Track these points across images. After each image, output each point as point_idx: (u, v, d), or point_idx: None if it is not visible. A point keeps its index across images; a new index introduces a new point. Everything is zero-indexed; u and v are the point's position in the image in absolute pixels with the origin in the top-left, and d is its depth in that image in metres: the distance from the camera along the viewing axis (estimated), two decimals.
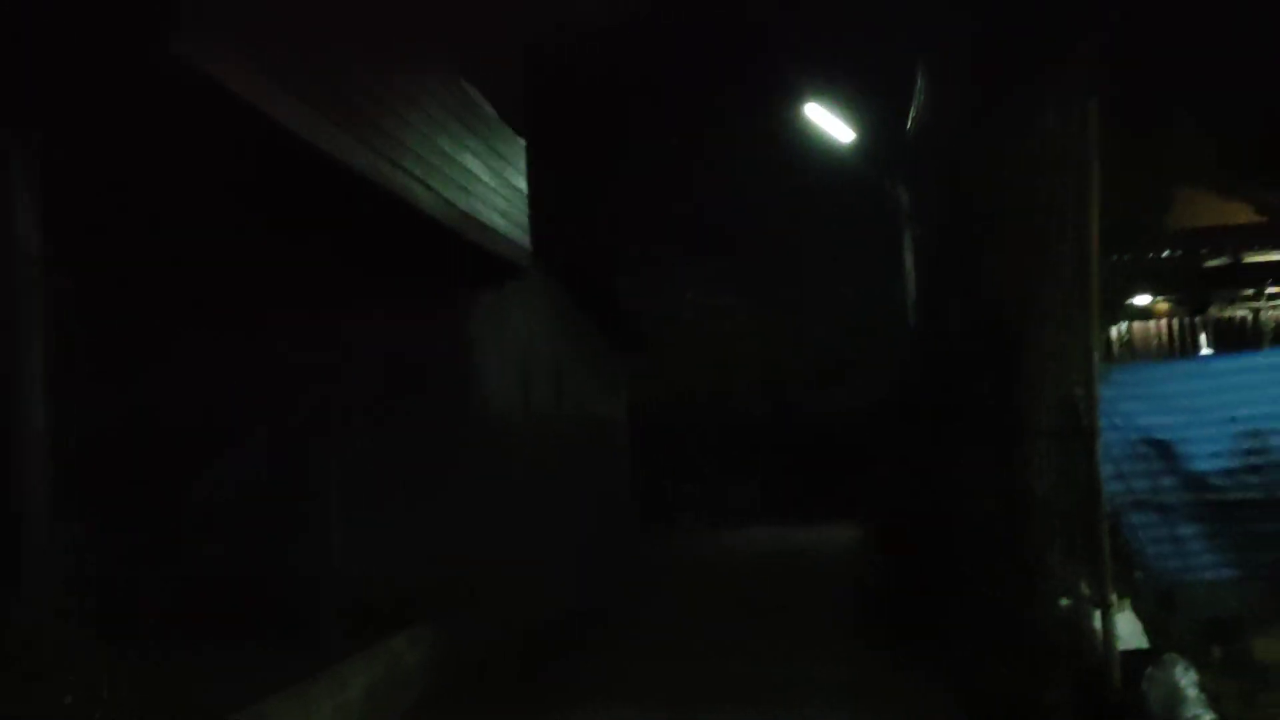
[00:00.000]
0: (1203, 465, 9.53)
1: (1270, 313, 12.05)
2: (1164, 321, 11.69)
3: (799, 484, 19.89)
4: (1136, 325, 11.31)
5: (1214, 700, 5.62)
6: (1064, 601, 6.54)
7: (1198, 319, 11.71)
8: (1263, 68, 8.85)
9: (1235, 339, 11.81)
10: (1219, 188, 11.41)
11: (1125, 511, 8.80)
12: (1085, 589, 6.51)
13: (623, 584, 13.84)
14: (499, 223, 9.93)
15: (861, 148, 18.06)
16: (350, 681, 6.97)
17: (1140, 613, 6.83)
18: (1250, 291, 11.56)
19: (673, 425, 19.66)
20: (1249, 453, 9.51)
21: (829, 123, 17.75)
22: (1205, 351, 11.76)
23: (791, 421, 20.47)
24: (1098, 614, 6.31)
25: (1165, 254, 9.37)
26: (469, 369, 10.09)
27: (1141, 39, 7.52)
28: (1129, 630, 6.30)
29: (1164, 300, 11.54)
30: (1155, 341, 11.52)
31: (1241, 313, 11.86)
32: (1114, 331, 9.96)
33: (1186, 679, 5.54)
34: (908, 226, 15.06)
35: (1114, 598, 6.02)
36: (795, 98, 18.62)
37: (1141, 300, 11.13)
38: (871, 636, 9.61)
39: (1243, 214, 12.62)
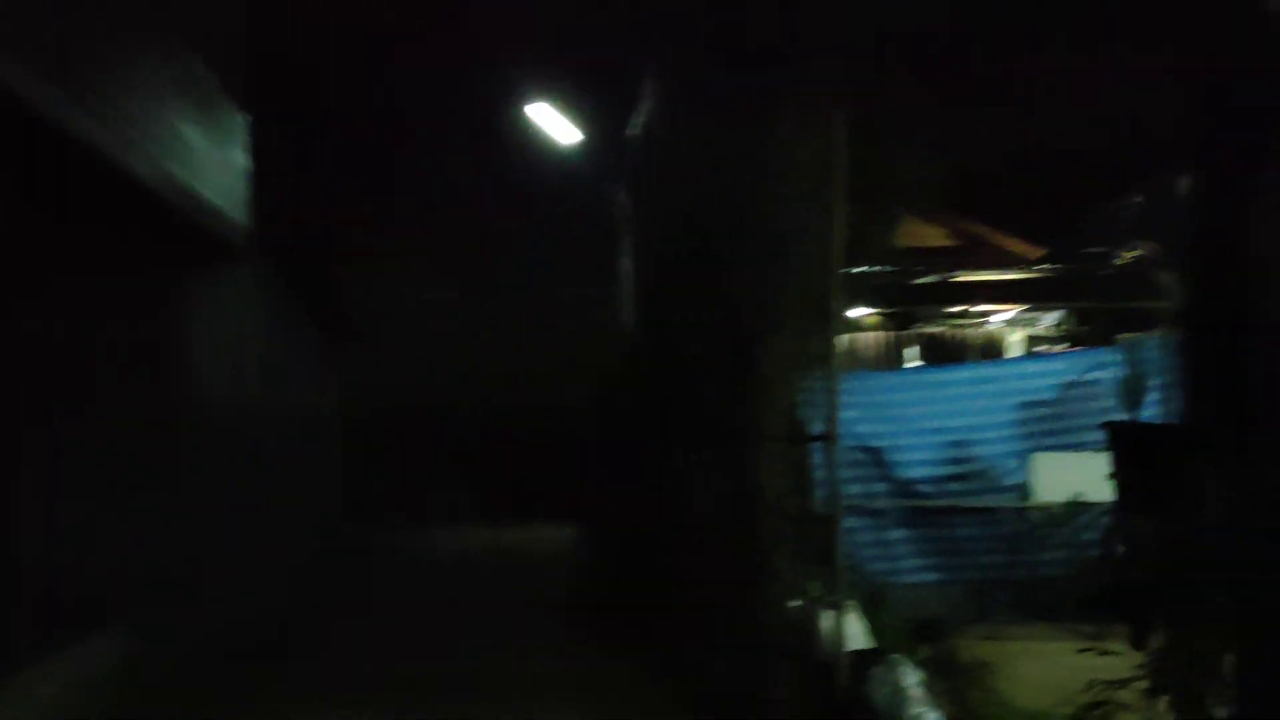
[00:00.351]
0: (911, 473, 9.97)
1: (976, 329, 12.73)
2: (875, 334, 12.17)
3: (518, 482, 19.76)
4: (851, 337, 11.73)
5: (937, 698, 5.80)
6: (794, 603, 6.64)
7: (906, 333, 12.25)
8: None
9: (942, 353, 12.42)
10: (922, 212, 12.01)
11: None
12: (815, 591, 6.63)
13: (332, 584, 13.37)
14: (216, 200, 9.39)
15: (586, 149, 18.11)
16: (38, 686, 6.40)
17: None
18: (959, 309, 12.17)
19: (388, 422, 19.19)
20: (953, 461, 10.01)
21: (554, 123, 17.72)
22: (914, 364, 12.32)
23: (511, 420, 20.31)
24: (827, 615, 6.44)
25: (886, 270, 9.74)
26: (175, 354, 9.49)
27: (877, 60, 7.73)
28: (856, 631, 6.44)
29: (875, 314, 12.02)
30: (869, 353, 11.98)
31: (948, 328, 12.47)
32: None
33: (911, 678, 5.69)
34: (629, 230, 15.19)
35: (845, 600, 6.13)
36: (522, 96, 18.51)
37: (854, 313, 11.55)
38: (593, 635, 9.57)
39: (941, 237, 13.34)
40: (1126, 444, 5.11)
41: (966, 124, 9.66)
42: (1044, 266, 12.86)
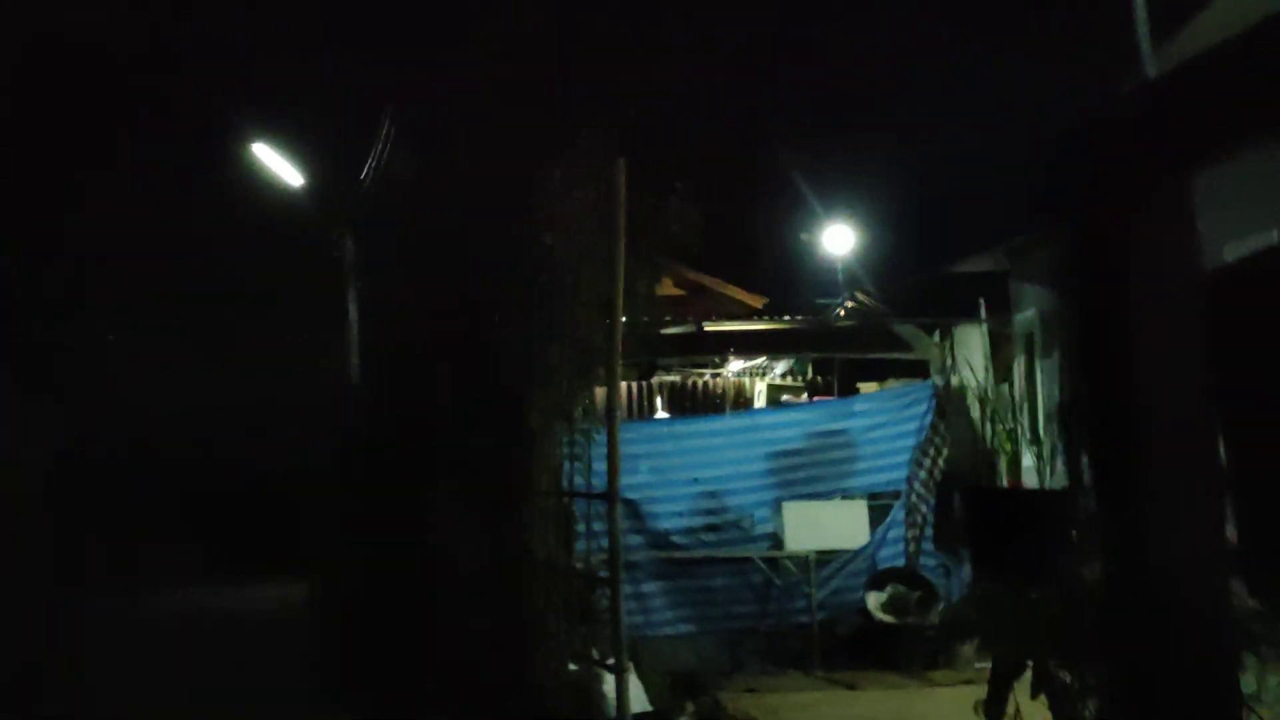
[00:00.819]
0: (666, 524, 9.93)
1: (720, 378, 12.87)
2: (623, 384, 12.13)
3: (252, 538, 18.77)
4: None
5: None
6: (572, 666, 6.44)
7: (651, 382, 12.27)
8: None
9: (688, 403, 12.49)
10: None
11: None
12: (595, 652, 6.45)
13: (36, 655, 12.25)
14: None
15: (313, 193, 17.58)
16: None
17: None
18: (715, 359, 12.28)
19: (104, 477, 17.91)
20: (707, 512, 10.03)
21: (278, 165, 17.14)
22: (661, 414, 12.34)
23: (243, 472, 19.32)
24: (607, 677, 6.27)
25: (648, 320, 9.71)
26: None
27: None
28: (639, 693, 6.28)
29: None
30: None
31: (693, 378, 12.57)
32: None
33: None
34: (356, 277, 14.78)
35: (627, 661, 5.97)
36: (247, 136, 17.84)
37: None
38: (342, 704, 9.05)
39: (668, 286, 13.48)
40: (981, 509, 5.16)
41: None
42: (788, 318, 13.17)
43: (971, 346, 11.07)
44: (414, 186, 10.68)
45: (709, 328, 11.83)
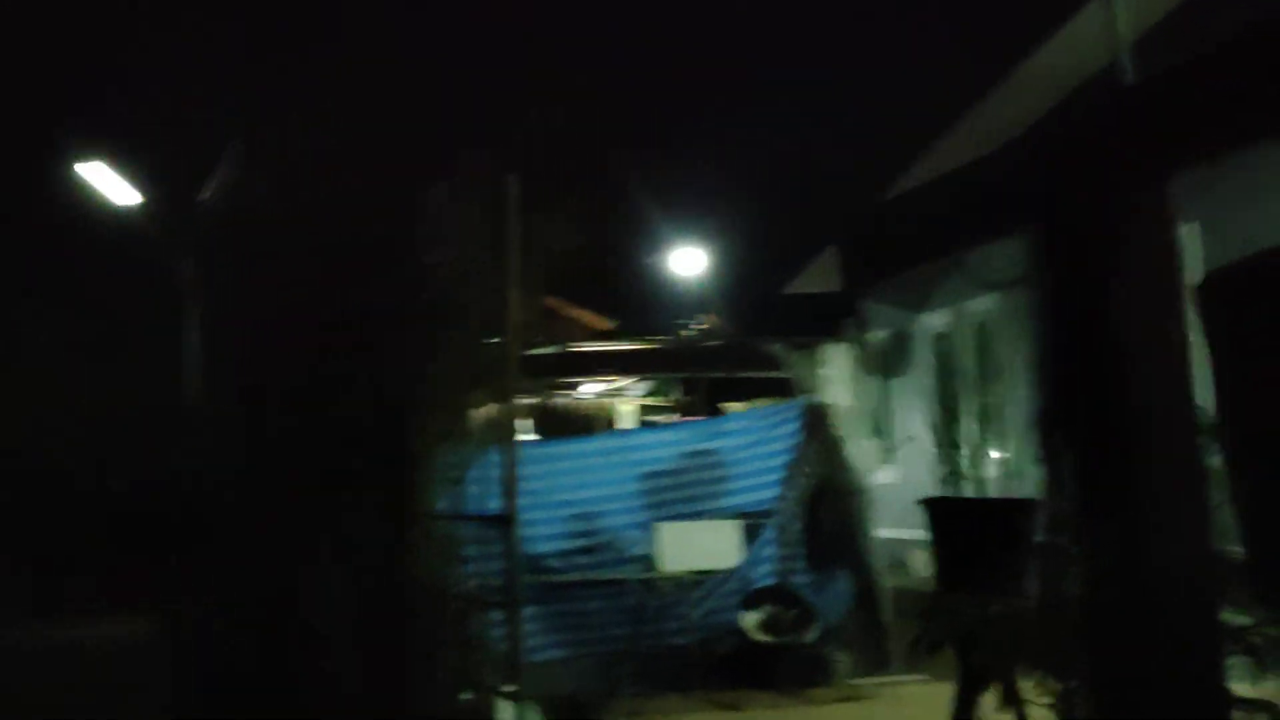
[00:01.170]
0: (539, 547, 9.74)
1: (585, 400, 12.75)
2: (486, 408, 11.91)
3: (87, 567, 17.83)
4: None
5: None
6: (465, 695, 6.22)
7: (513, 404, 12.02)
8: None
9: (554, 424, 12.33)
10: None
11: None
12: (489, 680, 6.26)
13: None
14: None
15: (148, 212, 16.95)
16: None
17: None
18: (574, 381, 12.15)
19: None
20: (581, 534, 9.89)
21: (110, 183, 16.49)
22: (529, 436, 12.13)
23: (79, 496, 18.35)
24: (504, 706, 6.08)
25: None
26: None
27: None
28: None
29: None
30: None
31: (558, 399, 12.43)
32: None
33: None
34: (201, 296, 14.29)
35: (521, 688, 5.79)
36: (74, 153, 17.11)
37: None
38: None
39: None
40: (943, 519, 5.11)
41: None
42: (655, 338, 13.14)
43: (836, 364, 11.17)
44: (274, 202, 10.31)
45: (574, 348, 11.71)
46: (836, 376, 10.97)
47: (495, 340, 7.02)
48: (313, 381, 7.79)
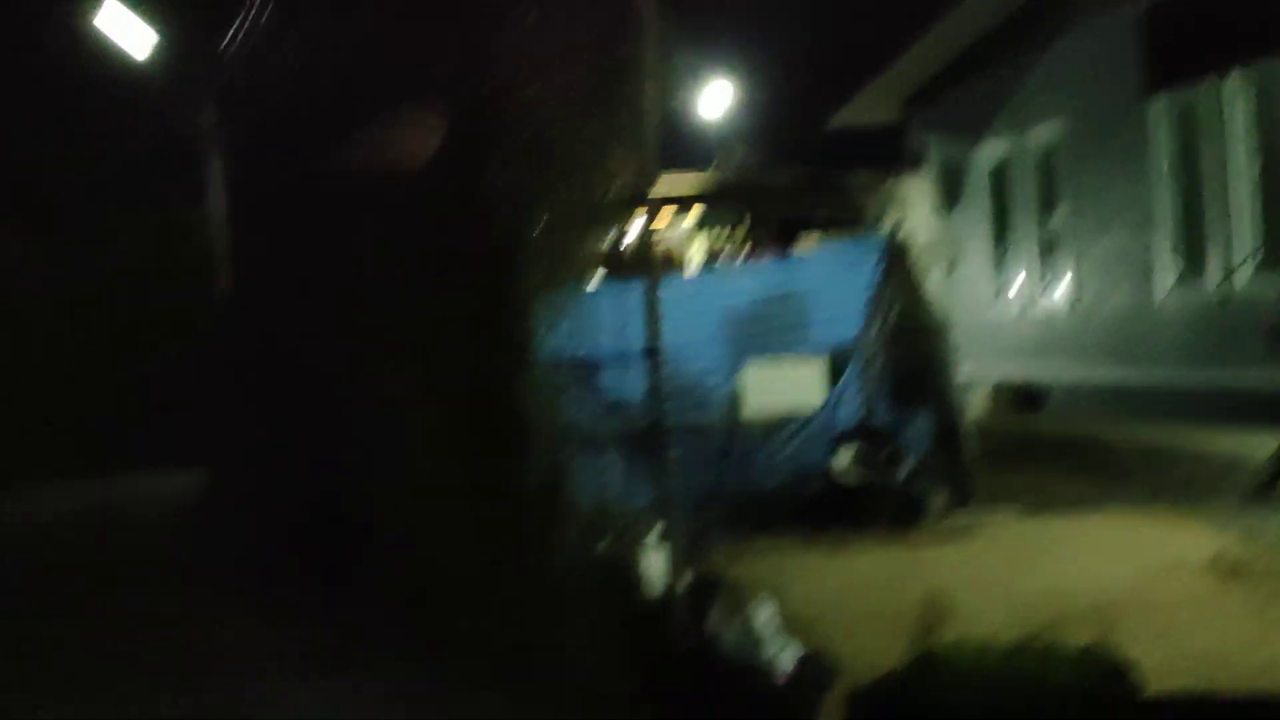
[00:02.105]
0: (620, 394, 9.49)
1: (658, 242, 12.36)
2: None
3: (97, 428, 17.73)
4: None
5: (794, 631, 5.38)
6: (601, 543, 6.02)
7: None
8: None
9: (624, 268, 11.94)
10: None
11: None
12: (627, 527, 6.06)
13: None
14: None
15: (166, 57, 16.32)
16: None
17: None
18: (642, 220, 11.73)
19: None
20: (659, 379, 9.60)
21: (126, 24, 15.77)
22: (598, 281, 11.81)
23: (110, 355, 18.19)
24: (647, 553, 5.89)
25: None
26: None
27: None
28: (661, 569, 5.91)
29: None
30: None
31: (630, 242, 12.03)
32: None
33: (762, 613, 5.23)
34: (222, 150, 13.76)
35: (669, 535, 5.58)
36: None
37: None
38: (294, 599, 8.46)
39: None
40: None
41: None
42: (724, 175, 12.74)
43: (910, 197, 10.79)
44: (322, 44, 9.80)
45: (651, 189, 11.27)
46: (911, 210, 10.61)
47: (603, 175, 6.66)
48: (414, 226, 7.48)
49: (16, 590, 9.56)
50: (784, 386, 9.72)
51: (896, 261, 10.04)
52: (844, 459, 9.36)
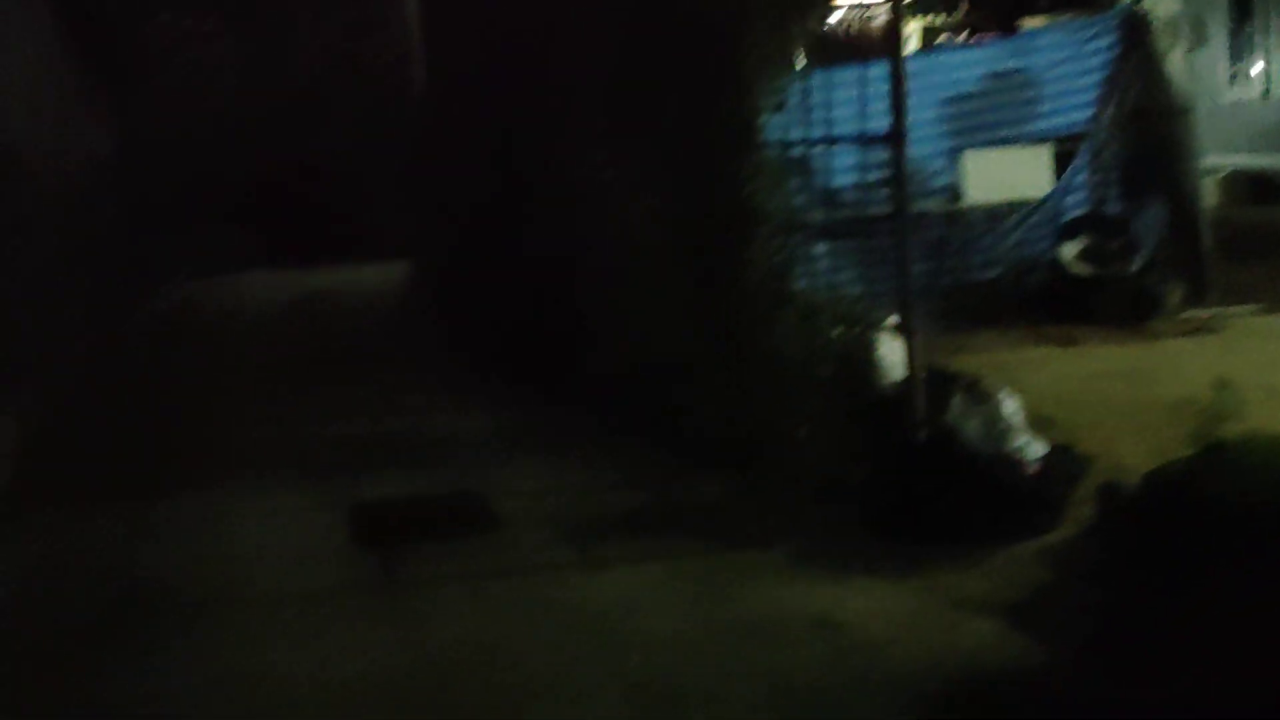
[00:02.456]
0: (836, 180, 9.13)
1: (870, 22, 11.83)
2: None
3: (308, 225, 18.20)
4: None
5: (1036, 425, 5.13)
6: (836, 331, 5.82)
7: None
8: None
9: (836, 50, 11.44)
10: None
11: None
12: (859, 316, 5.84)
13: (152, 343, 11.81)
14: None
15: None
16: None
17: None
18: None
19: (161, 169, 17.08)
20: (879, 165, 9.21)
21: None
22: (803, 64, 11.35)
23: (290, 161, 18.55)
24: (883, 340, 5.67)
25: None
26: None
27: None
28: (896, 359, 5.68)
29: None
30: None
31: (840, 22, 11.52)
32: None
33: (1007, 405, 4.99)
34: None
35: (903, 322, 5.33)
36: None
37: None
38: (508, 383, 8.53)
39: None
40: None
41: None
42: None
43: None
44: None
45: None
46: None
47: None
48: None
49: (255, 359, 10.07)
50: (1008, 173, 9.23)
51: (1134, 40, 9.31)
52: (1072, 250, 8.89)
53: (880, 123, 9.27)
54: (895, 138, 5.34)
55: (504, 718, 3.67)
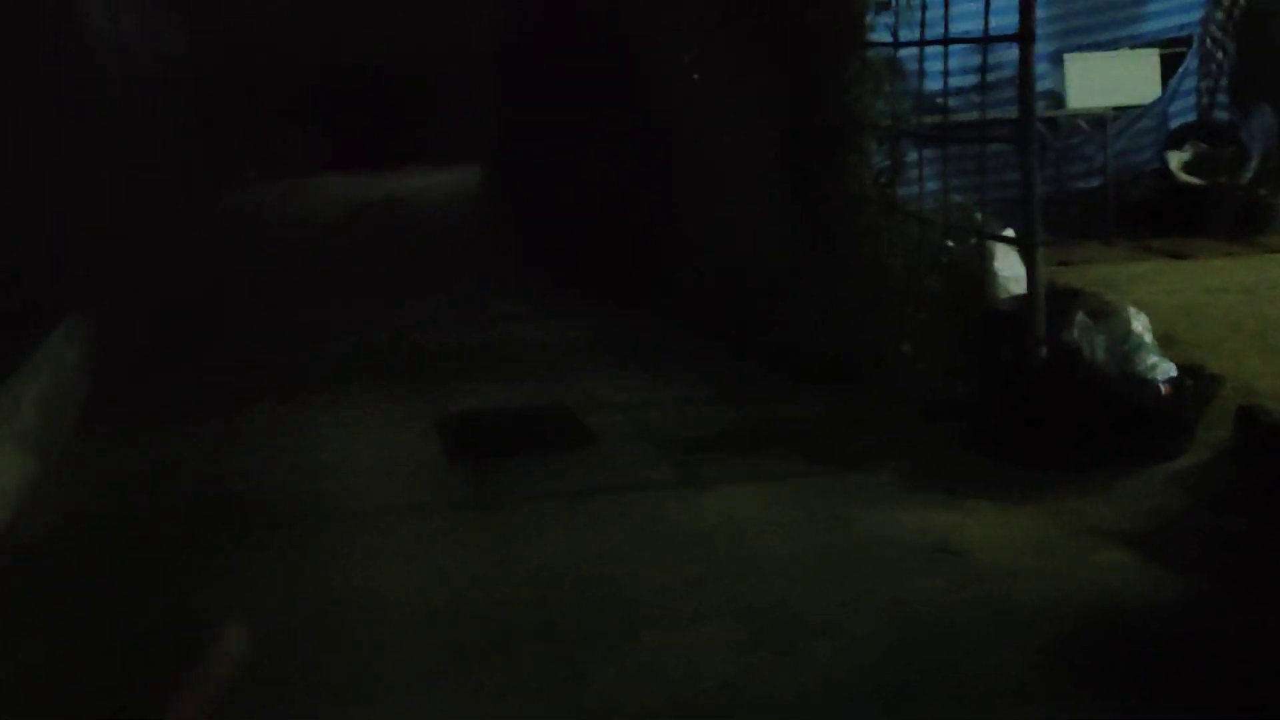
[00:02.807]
0: (930, 84, 8.76)
1: None
2: None
3: (376, 131, 18.02)
4: None
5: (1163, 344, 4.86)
6: (950, 242, 5.55)
7: None
8: None
9: None
10: None
11: None
12: (977, 225, 5.57)
13: (227, 246, 11.71)
14: None
15: None
16: (22, 399, 5.02)
17: None
18: None
19: (234, 71, 16.89)
20: (977, 69, 8.82)
21: None
22: None
23: (361, 67, 18.33)
24: (1004, 253, 5.40)
25: None
26: None
27: None
28: (1013, 273, 5.40)
29: None
30: None
31: None
32: None
33: (1136, 322, 4.71)
34: None
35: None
36: None
37: None
38: (580, 293, 8.32)
39: None
40: None
41: None
42: None
43: None
44: None
45: None
46: None
47: None
48: None
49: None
50: (1113, 78, 8.79)
51: None
52: (1179, 159, 8.49)
53: (975, 24, 8.90)
54: (1024, 37, 5.00)
55: (617, 641, 3.50)
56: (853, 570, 3.90)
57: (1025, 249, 4.97)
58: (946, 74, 7.72)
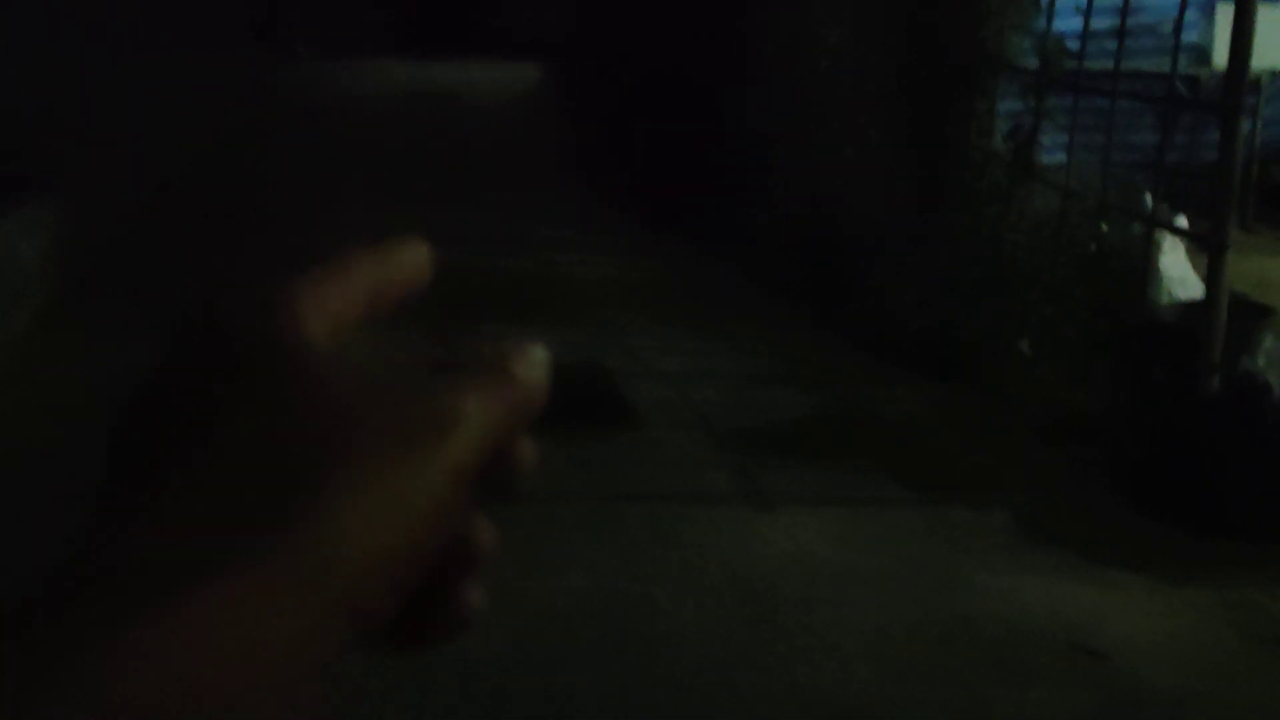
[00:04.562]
0: (1060, 24, 7.61)
1: None
2: None
3: (442, 16, 16.96)
4: None
5: None
6: (1104, 226, 4.51)
7: None
8: None
9: None
10: None
11: None
12: (1141, 206, 4.53)
13: (263, 125, 10.71)
14: None
15: None
16: None
17: None
18: None
19: None
20: (1115, 11, 7.67)
21: None
22: None
23: None
24: (1172, 248, 4.36)
25: None
26: None
27: None
28: (1180, 271, 4.36)
29: None
30: None
31: None
32: None
33: None
34: None
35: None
36: None
37: None
38: (639, 224, 7.28)
39: None
40: None
41: None
42: None
43: None
44: None
45: None
46: None
47: None
48: None
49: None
50: (1269, 35, 7.61)
51: None
52: None
53: None
54: None
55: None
56: (962, 668, 2.93)
57: (1210, 247, 3.91)
58: (1089, 10, 6.67)
